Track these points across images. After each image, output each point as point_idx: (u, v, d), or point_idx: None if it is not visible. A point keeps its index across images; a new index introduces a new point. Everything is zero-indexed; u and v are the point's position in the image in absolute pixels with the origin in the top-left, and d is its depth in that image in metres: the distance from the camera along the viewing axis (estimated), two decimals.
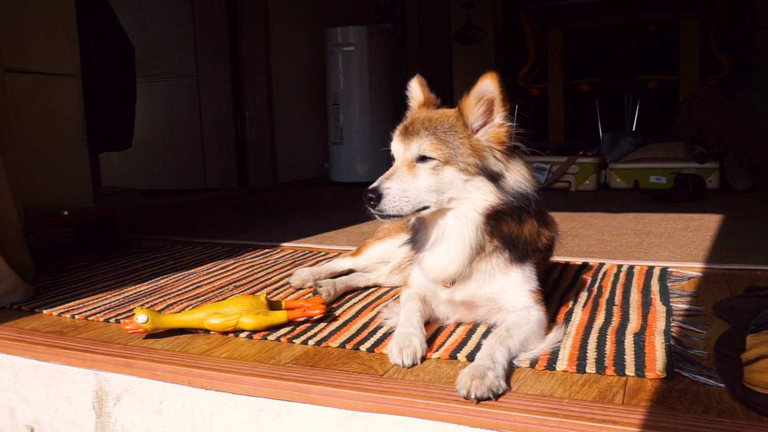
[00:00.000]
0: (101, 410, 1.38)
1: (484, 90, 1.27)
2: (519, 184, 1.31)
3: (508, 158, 1.31)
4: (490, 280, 1.37)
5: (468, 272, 1.34)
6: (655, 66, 5.84)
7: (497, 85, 1.25)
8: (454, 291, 1.40)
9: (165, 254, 2.49)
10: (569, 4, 5.05)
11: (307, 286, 1.91)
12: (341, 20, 5.45)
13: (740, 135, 3.99)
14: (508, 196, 1.30)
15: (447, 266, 1.34)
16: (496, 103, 1.27)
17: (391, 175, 1.29)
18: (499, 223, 1.32)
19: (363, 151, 5.10)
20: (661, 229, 2.66)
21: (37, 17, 2.63)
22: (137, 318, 1.46)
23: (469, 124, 1.30)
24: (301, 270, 1.95)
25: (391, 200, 1.25)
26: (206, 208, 4.08)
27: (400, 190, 1.26)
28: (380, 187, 1.26)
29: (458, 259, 1.33)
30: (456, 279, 1.36)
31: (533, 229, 1.38)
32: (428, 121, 1.31)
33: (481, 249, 1.33)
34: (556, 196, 3.98)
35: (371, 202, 1.25)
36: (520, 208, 1.32)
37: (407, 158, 1.30)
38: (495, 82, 1.25)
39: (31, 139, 2.59)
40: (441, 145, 1.27)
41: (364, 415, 1.13)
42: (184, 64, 4.99)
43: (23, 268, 1.99)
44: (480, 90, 1.27)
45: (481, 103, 1.28)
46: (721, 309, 1.49)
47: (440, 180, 1.28)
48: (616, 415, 1.01)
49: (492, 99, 1.27)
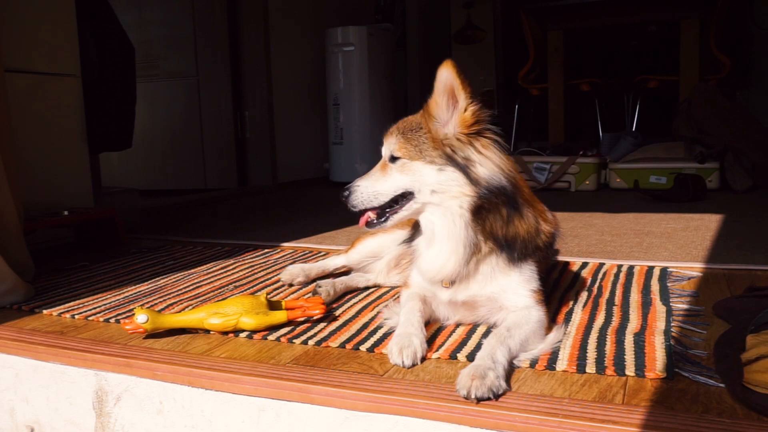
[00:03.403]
0: (101, 410, 1.38)
1: (443, 79, 1.29)
2: (491, 173, 1.31)
3: (475, 140, 1.31)
4: (491, 281, 1.37)
5: (466, 273, 1.35)
6: (655, 66, 5.83)
7: (454, 71, 1.26)
8: (455, 292, 1.40)
9: (165, 254, 2.49)
10: (569, 4, 5.05)
11: (297, 282, 1.93)
12: (341, 20, 5.45)
13: (740, 135, 3.99)
14: (480, 188, 1.30)
15: (443, 266, 1.35)
16: (456, 88, 1.28)
17: (367, 175, 1.43)
18: (486, 221, 1.32)
19: (363, 151, 5.10)
20: (661, 229, 2.66)
21: (37, 17, 2.63)
22: (137, 318, 1.46)
23: (438, 118, 1.32)
24: (292, 266, 1.96)
25: (358, 196, 1.40)
26: (206, 208, 4.08)
27: (368, 187, 1.40)
28: (351, 186, 1.42)
29: (453, 259, 1.33)
30: (455, 279, 1.37)
31: (531, 227, 1.38)
32: (402, 123, 1.41)
33: (477, 249, 1.33)
34: (556, 196, 3.98)
35: (344, 197, 1.42)
36: (501, 203, 1.32)
37: (383, 159, 1.42)
38: (451, 69, 1.26)
39: (31, 139, 2.59)
40: (407, 144, 1.36)
41: (364, 415, 1.13)
42: (184, 64, 4.99)
43: (23, 268, 1.99)
44: (439, 81, 1.30)
45: (443, 93, 1.30)
46: (721, 309, 1.49)
47: (412, 175, 1.35)
48: (616, 415, 1.01)
49: (451, 86, 1.29)
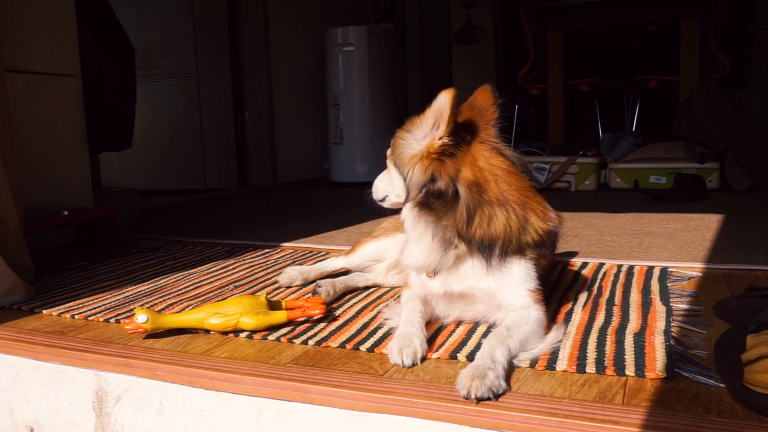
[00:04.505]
0: (101, 410, 1.38)
1: (438, 104, 1.34)
2: (416, 183, 1.38)
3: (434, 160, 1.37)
4: (482, 276, 1.38)
5: (446, 264, 1.39)
6: (655, 66, 5.83)
7: (450, 102, 1.31)
8: (446, 283, 1.42)
9: (165, 254, 2.49)
10: (569, 4, 5.05)
11: (294, 285, 1.93)
12: (341, 20, 5.45)
13: (740, 135, 3.99)
14: (412, 192, 1.39)
15: (417, 254, 1.42)
16: (443, 117, 1.33)
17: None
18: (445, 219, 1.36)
19: (363, 151, 5.10)
20: (661, 229, 2.66)
21: (37, 17, 2.63)
22: (137, 318, 1.46)
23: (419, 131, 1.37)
24: (290, 269, 1.96)
25: (374, 191, 1.56)
26: (206, 208, 4.08)
27: (377, 182, 1.55)
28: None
29: (422, 247, 1.41)
30: (436, 269, 1.41)
31: (512, 226, 1.37)
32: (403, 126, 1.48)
33: (449, 243, 1.38)
34: (556, 196, 3.98)
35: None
36: (446, 204, 1.36)
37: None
38: (448, 99, 1.31)
39: (31, 139, 2.59)
40: (391, 148, 1.46)
41: (364, 415, 1.13)
42: (184, 64, 4.99)
43: (23, 268, 1.99)
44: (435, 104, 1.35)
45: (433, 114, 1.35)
46: (721, 309, 1.49)
47: (391, 175, 1.47)
48: (616, 415, 1.01)
49: (440, 113, 1.34)
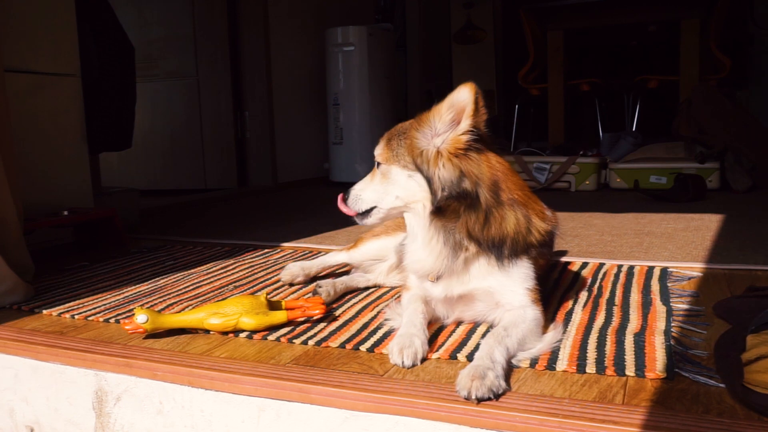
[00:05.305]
0: (101, 410, 1.38)
1: (459, 97, 1.29)
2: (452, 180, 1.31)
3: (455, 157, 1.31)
4: (484, 277, 1.38)
5: (454, 269, 1.37)
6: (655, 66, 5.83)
7: (473, 96, 1.27)
8: (448, 287, 1.41)
9: (165, 254, 2.49)
10: (569, 4, 5.04)
11: (297, 281, 1.94)
12: (341, 20, 5.45)
13: (740, 135, 3.99)
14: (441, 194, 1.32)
15: (422, 260, 1.39)
16: (467, 112, 1.29)
17: (363, 180, 1.49)
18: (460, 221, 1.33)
19: (363, 151, 5.09)
20: (661, 229, 2.66)
21: (37, 17, 2.63)
22: (137, 318, 1.46)
23: (433, 127, 1.32)
24: (291, 265, 1.96)
25: (352, 199, 1.49)
26: (206, 208, 4.08)
27: (358, 191, 1.49)
28: (349, 189, 1.51)
29: (429, 252, 1.37)
30: (441, 274, 1.38)
31: (520, 226, 1.37)
32: (392, 129, 1.44)
33: (460, 246, 1.34)
34: (556, 196, 3.98)
35: (344, 200, 1.51)
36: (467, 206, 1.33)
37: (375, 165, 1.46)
38: (472, 93, 1.27)
39: (31, 139, 2.59)
40: (387, 151, 1.40)
41: (364, 415, 1.13)
42: (184, 64, 4.99)
43: (23, 268, 1.99)
44: (454, 96, 1.30)
45: (451, 108, 1.30)
46: (721, 309, 1.49)
47: (388, 180, 1.41)
48: (616, 415, 1.01)
49: (464, 107, 1.29)
